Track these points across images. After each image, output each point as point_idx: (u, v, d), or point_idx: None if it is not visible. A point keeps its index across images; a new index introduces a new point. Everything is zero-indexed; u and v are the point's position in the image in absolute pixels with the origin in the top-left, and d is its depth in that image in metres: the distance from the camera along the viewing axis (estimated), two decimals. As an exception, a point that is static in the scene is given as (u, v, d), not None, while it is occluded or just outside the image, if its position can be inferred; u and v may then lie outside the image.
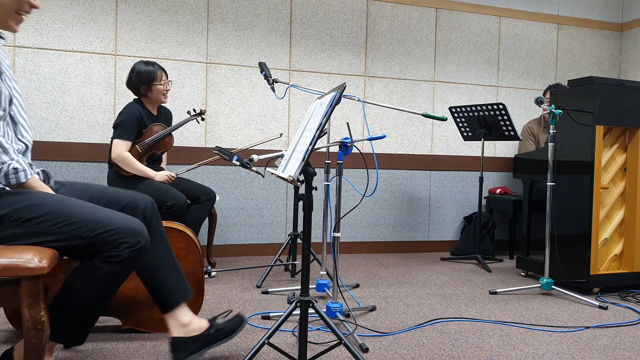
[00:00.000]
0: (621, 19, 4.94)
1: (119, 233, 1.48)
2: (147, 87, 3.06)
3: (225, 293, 2.83)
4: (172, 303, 1.76)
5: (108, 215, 1.52)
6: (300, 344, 1.71)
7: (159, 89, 3.08)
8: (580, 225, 3.01)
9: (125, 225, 1.51)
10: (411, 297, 2.88)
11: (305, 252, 1.71)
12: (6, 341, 2.02)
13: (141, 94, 3.09)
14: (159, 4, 3.72)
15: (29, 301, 1.36)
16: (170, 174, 3.08)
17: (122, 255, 1.48)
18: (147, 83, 3.05)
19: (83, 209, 1.51)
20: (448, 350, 2.06)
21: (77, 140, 3.57)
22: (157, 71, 3.06)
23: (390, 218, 4.30)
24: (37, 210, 1.46)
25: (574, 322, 2.47)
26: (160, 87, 3.08)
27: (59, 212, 1.48)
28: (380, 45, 4.24)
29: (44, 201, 1.49)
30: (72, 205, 1.51)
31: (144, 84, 3.06)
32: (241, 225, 3.93)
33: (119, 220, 1.51)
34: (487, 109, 3.69)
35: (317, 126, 1.66)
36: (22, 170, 1.51)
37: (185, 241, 2.16)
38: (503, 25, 4.57)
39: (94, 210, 1.53)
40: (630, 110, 3.05)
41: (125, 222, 1.52)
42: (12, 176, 1.49)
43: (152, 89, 3.07)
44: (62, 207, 1.49)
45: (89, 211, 1.51)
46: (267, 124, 3.97)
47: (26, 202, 1.47)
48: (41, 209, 1.47)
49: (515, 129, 3.65)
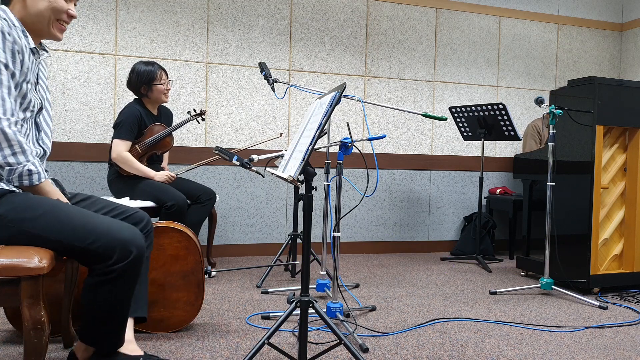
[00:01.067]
0: (621, 19, 4.94)
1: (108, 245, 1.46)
2: (148, 87, 3.07)
3: (225, 293, 2.83)
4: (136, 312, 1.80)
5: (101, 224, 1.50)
6: (300, 344, 1.71)
7: (160, 89, 3.08)
8: (580, 225, 3.01)
9: (117, 237, 1.48)
10: (411, 297, 2.88)
11: (305, 252, 1.71)
12: (6, 341, 2.02)
13: (142, 94, 3.10)
14: (159, 4, 3.72)
15: (29, 301, 1.36)
16: (170, 174, 3.08)
17: (115, 271, 1.48)
18: (148, 83, 3.05)
19: (78, 217, 1.49)
20: (448, 350, 2.06)
21: (77, 141, 3.57)
22: (157, 71, 3.06)
23: (390, 218, 4.30)
24: (31, 213, 1.46)
25: (574, 322, 2.47)
26: (160, 87, 3.08)
27: (51, 217, 1.46)
28: (380, 45, 4.24)
29: (40, 205, 1.49)
30: (67, 212, 1.50)
31: (144, 84, 3.06)
32: (241, 225, 3.93)
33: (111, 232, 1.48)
34: (487, 109, 3.69)
35: (317, 126, 1.66)
36: (36, 173, 1.52)
37: (185, 241, 2.16)
38: (503, 25, 4.57)
39: (88, 219, 1.50)
40: (630, 110, 3.05)
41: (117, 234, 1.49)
42: (25, 177, 1.50)
43: (153, 89, 3.07)
44: (57, 212, 1.48)
45: (83, 220, 1.49)
46: (267, 124, 3.97)
47: (23, 204, 1.47)
48: (35, 212, 1.46)
49: (515, 129, 3.65)
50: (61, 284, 1.94)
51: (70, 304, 1.91)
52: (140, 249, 1.52)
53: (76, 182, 3.55)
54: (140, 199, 2.96)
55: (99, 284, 1.50)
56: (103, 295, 1.51)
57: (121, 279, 1.50)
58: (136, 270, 1.53)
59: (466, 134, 3.98)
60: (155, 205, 2.97)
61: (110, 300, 1.52)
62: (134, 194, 2.98)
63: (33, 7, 1.55)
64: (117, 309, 1.55)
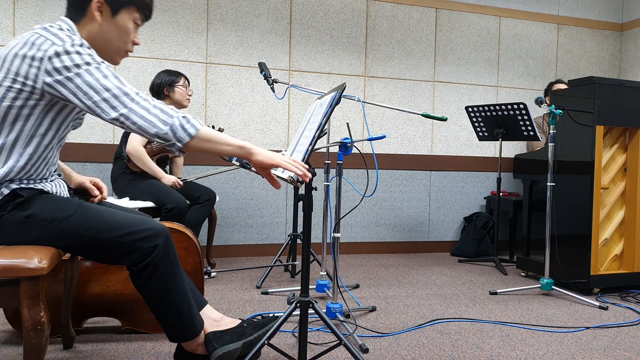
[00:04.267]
0: (621, 19, 4.94)
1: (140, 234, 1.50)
2: (171, 88, 3.16)
3: (225, 294, 2.83)
4: (202, 303, 1.79)
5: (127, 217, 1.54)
6: (300, 344, 1.70)
7: (181, 92, 3.18)
8: (581, 226, 3.01)
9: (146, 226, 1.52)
10: (411, 297, 2.88)
11: (305, 252, 1.71)
12: (6, 342, 2.02)
13: (165, 95, 3.18)
14: (159, 4, 3.71)
15: (29, 302, 1.36)
16: (177, 180, 3.10)
17: (155, 258, 1.50)
18: (171, 84, 3.16)
19: (105, 213, 1.54)
20: (448, 350, 2.06)
21: (77, 141, 3.57)
22: (179, 76, 3.19)
23: (390, 218, 4.30)
24: (62, 212, 1.48)
25: (574, 323, 2.47)
26: (182, 90, 3.18)
27: (83, 214, 1.49)
28: (380, 45, 4.24)
29: (71, 204, 1.52)
30: (96, 209, 1.54)
31: (168, 84, 3.17)
32: (241, 226, 3.93)
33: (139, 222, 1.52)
34: (506, 109, 3.63)
35: (317, 126, 1.66)
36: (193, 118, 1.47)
37: (185, 242, 2.15)
38: (503, 25, 4.57)
39: (115, 214, 1.55)
40: (630, 110, 3.05)
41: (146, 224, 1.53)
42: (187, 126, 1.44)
43: (175, 90, 3.16)
44: (87, 210, 1.52)
45: (111, 215, 1.53)
46: (267, 124, 3.97)
47: (52, 204, 1.49)
48: (66, 211, 1.48)
49: (535, 129, 3.59)
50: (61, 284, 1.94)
51: (70, 304, 1.91)
52: (168, 233, 1.56)
53: (76, 182, 3.55)
54: (141, 198, 2.96)
55: (147, 278, 1.52)
56: (154, 288, 1.53)
57: (163, 265, 1.52)
58: (172, 253, 1.55)
59: (482, 133, 3.91)
60: (155, 206, 2.97)
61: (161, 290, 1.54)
62: (136, 192, 2.99)
63: (104, 33, 1.54)
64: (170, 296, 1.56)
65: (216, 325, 1.76)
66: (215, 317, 1.78)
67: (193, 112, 3.75)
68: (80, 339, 2.06)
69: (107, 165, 3.54)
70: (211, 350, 1.68)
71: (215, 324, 1.76)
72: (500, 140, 3.76)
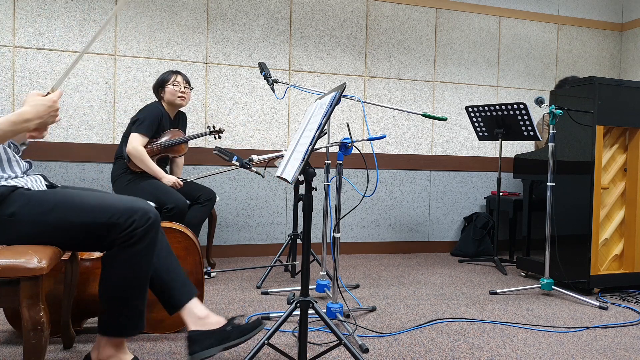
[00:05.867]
0: (621, 19, 4.94)
1: (126, 214, 1.51)
2: (162, 89, 3.17)
3: (225, 294, 2.83)
4: (184, 299, 1.74)
5: (113, 199, 1.56)
6: (300, 344, 1.70)
7: (170, 90, 3.14)
8: (581, 226, 3.00)
9: (132, 205, 1.54)
10: (411, 297, 2.87)
11: (305, 252, 1.71)
12: (6, 342, 2.01)
13: (160, 97, 3.19)
14: (159, 4, 3.71)
15: (29, 302, 1.36)
16: (178, 180, 3.10)
17: (136, 235, 1.51)
18: (162, 85, 3.17)
19: (89, 198, 1.54)
20: (448, 350, 2.06)
21: (77, 141, 3.57)
22: (172, 74, 3.17)
23: (390, 218, 4.30)
24: (44, 204, 1.48)
25: (574, 323, 2.47)
26: (170, 88, 3.14)
27: (66, 203, 1.50)
28: (380, 45, 4.24)
29: (50, 196, 1.52)
30: (78, 195, 1.55)
31: (160, 86, 3.18)
32: (241, 226, 3.93)
33: (124, 202, 1.54)
34: (506, 109, 3.63)
35: (317, 126, 1.66)
36: None
37: (185, 242, 2.15)
38: (503, 25, 4.57)
39: (99, 197, 1.56)
40: (630, 110, 3.05)
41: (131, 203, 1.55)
42: None
43: (165, 90, 3.15)
44: (70, 198, 1.52)
45: (95, 198, 1.54)
46: (267, 125, 3.97)
47: (33, 199, 1.49)
48: (49, 203, 1.49)
49: (535, 129, 3.59)
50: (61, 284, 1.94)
51: (70, 304, 1.91)
52: (156, 216, 1.58)
53: (75, 182, 3.55)
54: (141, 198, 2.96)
55: (119, 251, 1.52)
56: (123, 266, 1.53)
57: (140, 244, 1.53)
58: (154, 237, 1.56)
59: (482, 133, 3.91)
60: (155, 206, 2.97)
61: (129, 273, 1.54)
62: (136, 192, 2.99)
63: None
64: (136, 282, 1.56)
65: (200, 323, 1.70)
66: (200, 315, 1.72)
67: (193, 112, 3.75)
68: (80, 339, 2.06)
69: (107, 165, 3.54)
70: (191, 352, 1.65)
71: (199, 322, 1.70)
72: (500, 140, 3.77)
